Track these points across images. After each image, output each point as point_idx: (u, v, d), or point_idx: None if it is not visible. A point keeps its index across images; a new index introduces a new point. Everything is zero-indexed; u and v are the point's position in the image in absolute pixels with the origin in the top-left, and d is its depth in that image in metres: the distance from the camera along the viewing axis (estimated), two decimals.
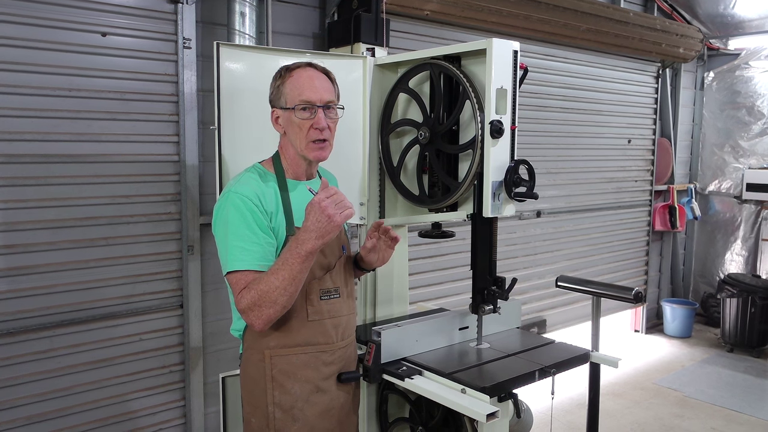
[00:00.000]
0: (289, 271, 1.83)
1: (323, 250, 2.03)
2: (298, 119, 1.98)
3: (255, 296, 1.85)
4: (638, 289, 2.66)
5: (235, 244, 1.89)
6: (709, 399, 4.91)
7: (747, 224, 6.69)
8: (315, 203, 1.82)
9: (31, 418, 2.93)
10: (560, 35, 4.92)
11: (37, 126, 2.85)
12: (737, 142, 6.69)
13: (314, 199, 1.83)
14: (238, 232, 1.89)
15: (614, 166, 6.09)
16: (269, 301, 1.84)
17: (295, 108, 1.97)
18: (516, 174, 2.30)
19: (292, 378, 2.01)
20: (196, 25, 3.23)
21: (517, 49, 2.31)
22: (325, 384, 2.07)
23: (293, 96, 1.98)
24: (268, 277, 1.85)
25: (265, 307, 1.85)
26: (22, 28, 2.77)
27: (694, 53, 6.31)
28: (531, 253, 5.36)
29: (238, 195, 1.92)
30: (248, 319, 1.89)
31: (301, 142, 2.00)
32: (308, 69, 2.03)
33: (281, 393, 2.00)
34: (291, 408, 2.01)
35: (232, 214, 1.90)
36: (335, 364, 2.10)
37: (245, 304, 1.86)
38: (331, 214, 1.80)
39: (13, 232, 2.83)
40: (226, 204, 1.93)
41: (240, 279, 1.88)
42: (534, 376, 2.27)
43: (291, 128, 2.01)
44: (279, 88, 2.01)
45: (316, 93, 1.99)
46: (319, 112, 1.99)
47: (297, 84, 1.99)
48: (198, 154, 3.29)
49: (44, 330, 2.93)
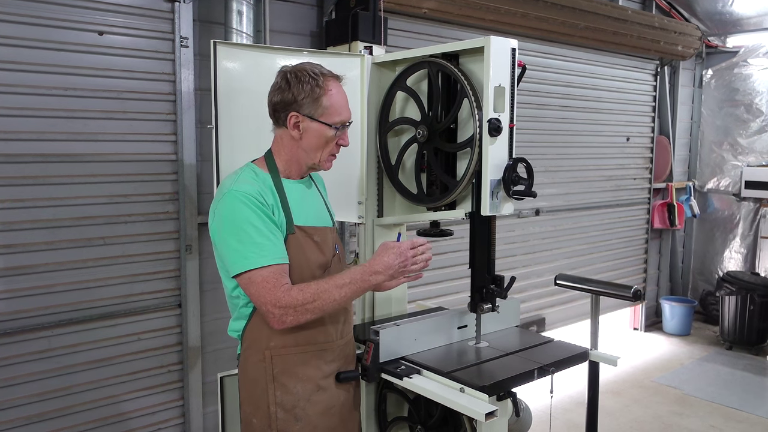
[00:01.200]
0: (353, 292, 1.93)
1: (322, 249, 2.05)
2: (330, 136, 2.00)
3: (308, 297, 1.86)
4: (637, 287, 2.66)
5: (252, 241, 1.86)
6: (708, 397, 4.91)
7: (746, 222, 6.69)
8: (404, 251, 1.97)
9: (29, 418, 2.92)
10: (558, 33, 4.92)
11: (33, 125, 2.84)
12: (736, 140, 6.69)
13: (404, 245, 1.99)
14: (251, 230, 1.87)
15: (613, 164, 6.09)
16: (317, 309, 1.88)
17: (333, 126, 1.99)
18: (514, 172, 2.30)
19: (293, 377, 2.01)
20: (193, 23, 3.22)
21: (515, 46, 2.30)
22: (326, 382, 2.07)
23: (333, 113, 1.99)
24: (328, 286, 1.89)
25: (309, 313, 1.88)
26: (18, 27, 2.76)
27: (693, 51, 6.31)
28: (530, 252, 5.35)
29: (240, 193, 1.89)
30: (281, 316, 1.86)
31: (321, 155, 2.03)
32: (338, 83, 2.03)
33: (283, 393, 1.99)
34: (293, 407, 2.00)
35: (240, 213, 1.88)
36: (335, 362, 2.10)
37: (289, 301, 1.85)
38: (409, 268, 2.00)
39: (11, 232, 2.82)
40: (231, 203, 1.89)
41: (269, 274, 1.85)
42: (533, 374, 2.27)
43: (315, 140, 2.00)
44: (316, 100, 1.97)
45: (349, 112, 2.05)
46: (346, 130, 2.05)
47: (337, 102, 2.00)
48: (195, 153, 3.28)
49: (42, 330, 2.93)
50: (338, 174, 2.74)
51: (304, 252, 1.99)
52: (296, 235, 1.98)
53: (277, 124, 2.04)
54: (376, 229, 2.86)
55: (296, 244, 1.97)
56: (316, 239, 2.03)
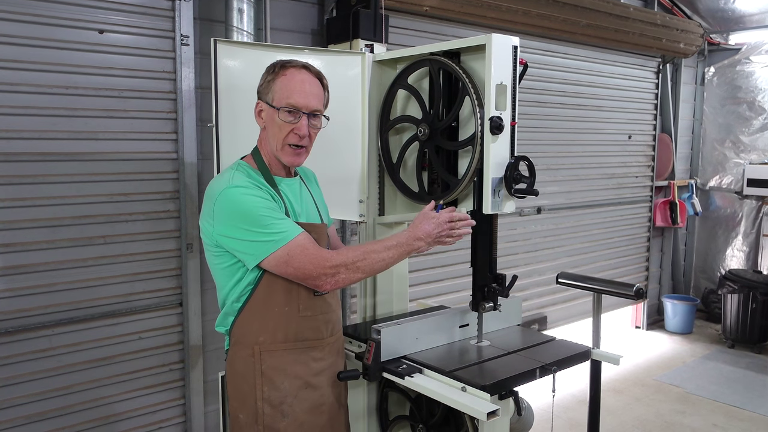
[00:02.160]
0: (399, 255, 2.00)
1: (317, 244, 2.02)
2: (280, 120, 1.95)
3: (358, 255, 1.90)
4: (639, 285, 2.65)
5: (273, 222, 1.86)
6: (711, 395, 4.91)
7: (748, 220, 6.68)
8: (442, 221, 2.06)
9: (30, 417, 2.92)
10: (560, 31, 4.91)
11: (34, 124, 2.83)
12: (738, 138, 6.68)
13: (443, 216, 2.07)
14: (267, 212, 1.86)
15: (615, 162, 6.07)
16: (367, 267, 1.92)
17: (280, 109, 1.95)
18: (516, 170, 2.29)
19: (281, 374, 2.00)
20: (193, 21, 3.21)
21: (516, 44, 2.29)
22: (316, 380, 2.06)
23: (281, 96, 1.95)
24: (376, 246, 1.95)
25: (359, 271, 1.91)
26: (19, 26, 2.75)
27: (695, 48, 6.29)
28: (531, 250, 5.34)
29: (239, 188, 1.88)
30: (334, 274, 1.88)
31: (277, 143, 1.98)
32: (303, 71, 1.99)
33: (270, 389, 1.99)
34: (280, 404, 2.00)
35: (248, 202, 1.86)
36: (325, 359, 2.10)
37: (340, 259, 1.88)
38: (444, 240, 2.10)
39: (11, 231, 2.82)
40: (233, 198, 1.87)
41: (306, 242, 1.88)
42: (535, 373, 2.26)
43: (271, 126, 1.99)
44: (270, 83, 1.97)
45: (304, 98, 1.96)
46: (303, 119, 1.97)
47: (288, 85, 1.95)
48: (196, 151, 3.27)
49: (43, 329, 2.92)
50: (339, 172, 2.75)
51: None
52: None
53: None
54: (378, 228, 2.85)
55: None
56: (313, 236, 2.00)
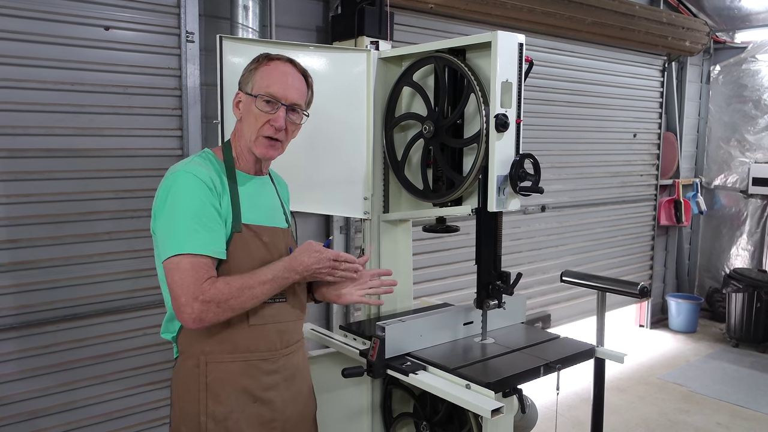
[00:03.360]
0: (273, 290, 1.83)
1: (270, 250, 1.92)
2: (257, 110, 1.86)
3: (234, 291, 1.73)
4: (643, 283, 2.64)
5: (188, 226, 1.72)
6: (715, 394, 4.90)
7: (753, 219, 6.66)
8: (324, 258, 1.90)
9: (35, 412, 2.93)
10: (565, 28, 4.90)
11: (40, 120, 2.84)
12: (743, 136, 6.65)
13: (328, 253, 1.92)
14: (192, 213, 1.73)
15: (619, 160, 6.06)
16: (239, 306, 1.76)
17: (258, 98, 1.86)
18: (521, 168, 2.28)
19: (227, 387, 1.86)
20: (199, 18, 3.21)
21: (522, 42, 2.29)
22: (266, 395, 1.91)
23: (261, 85, 1.87)
24: (252, 282, 1.77)
25: (230, 311, 1.75)
26: (25, 22, 2.76)
27: (701, 46, 6.27)
28: (536, 248, 5.34)
29: (190, 175, 1.76)
30: (201, 312, 1.70)
31: (251, 134, 1.89)
32: (287, 64, 1.92)
33: (214, 403, 1.85)
34: (225, 419, 1.85)
35: (186, 193, 1.74)
36: (279, 372, 1.94)
37: (214, 295, 1.70)
38: (330, 272, 1.94)
39: (17, 227, 2.83)
40: (177, 182, 1.76)
41: (194, 264, 1.70)
42: (539, 371, 2.26)
43: (248, 117, 1.89)
44: (251, 72, 1.89)
45: (284, 90, 1.88)
46: (280, 110, 1.88)
47: (269, 74, 1.88)
48: (201, 148, 3.26)
49: (48, 324, 2.93)
50: (344, 169, 2.75)
51: (249, 252, 1.86)
52: (243, 234, 1.84)
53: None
54: (382, 225, 2.85)
55: (242, 243, 1.84)
56: (265, 239, 1.90)
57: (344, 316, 3.96)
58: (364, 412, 2.61)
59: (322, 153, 2.69)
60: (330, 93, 2.64)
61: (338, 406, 2.58)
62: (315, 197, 2.74)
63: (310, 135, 2.61)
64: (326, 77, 2.66)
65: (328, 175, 2.73)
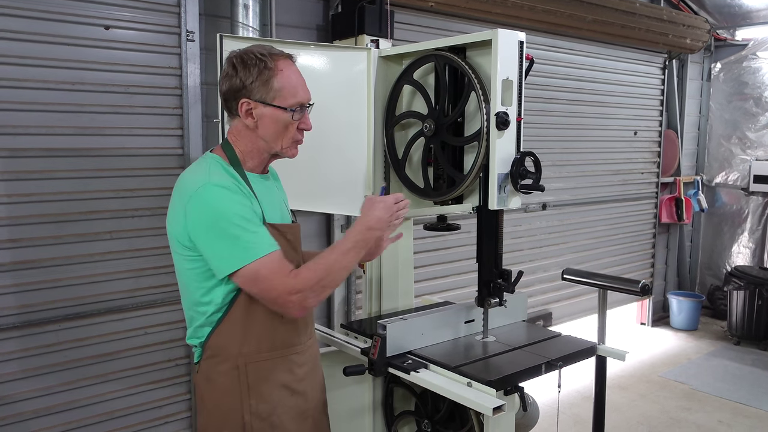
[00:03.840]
0: (357, 254, 1.87)
1: (295, 247, 1.95)
2: (287, 120, 1.86)
3: (321, 273, 1.77)
4: (645, 281, 2.64)
5: (247, 234, 1.73)
6: (716, 392, 4.89)
7: (754, 216, 6.65)
8: (390, 204, 1.96)
9: (37, 411, 2.94)
10: (566, 26, 4.89)
11: (40, 120, 2.84)
12: (744, 134, 6.64)
13: (389, 199, 1.97)
14: (242, 222, 1.74)
15: (620, 158, 6.06)
16: (333, 282, 1.81)
17: (294, 111, 1.85)
18: (522, 166, 2.28)
19: (269, 384, 1.89)
20: (199, 17, 3.22)
21: (522, 39, 2.29)
22: (301, 386, 1.97)
23: (287, 95, 1.84)
24: (335, 255, 1.83)
25: (327, 288, 1.80)
26: (25, 22, 2.76)
27: (701, 44, 6.26)
28: (537, 246, 5.34)
29: (218, 187, 1.76)
30: (301, 301, 1.75)
31: (284, 142, 1.89)
32: (290, 62, 1.89)
33: (258, 402, 1.87)
34: (269, 416, 1.89)
35: (225, 207, 1.75)
36: (306, 364, 2.00)
37: (305, 284, 1.74)
38: (394, 222, 1.98)
39: (18, 226, 2.83)
40: (210, 199, 1.76)
41: (275, 263, 1.74)
42: (540, 369, 2.26)
43: (273, 126, 1.86)
44: (267, 82, 1.82)
45: (307, 93, 1.90)
46: (306, 112, 1.91)
47: (290, 82, 1.85)
48: (202, 147, 3.28)
49: (49, 324, 2.94)
50: (345, 168, 2.75)
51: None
52: (271, 233, 1.85)
53: (230, 114, 1.89)
54: None
55: None
56: (289, 237, 1.92)
57: (345, 315, 3.96)
58: (365, 411, 2.61)
59: (322, 152, 2.69)
60: (330, 92, 2.64)
61: (340, 405, 2.58)
62: (316, 196, 2.74)
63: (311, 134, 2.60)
64: (327, 76, 2.66)
65: (329, 174, 2.73)
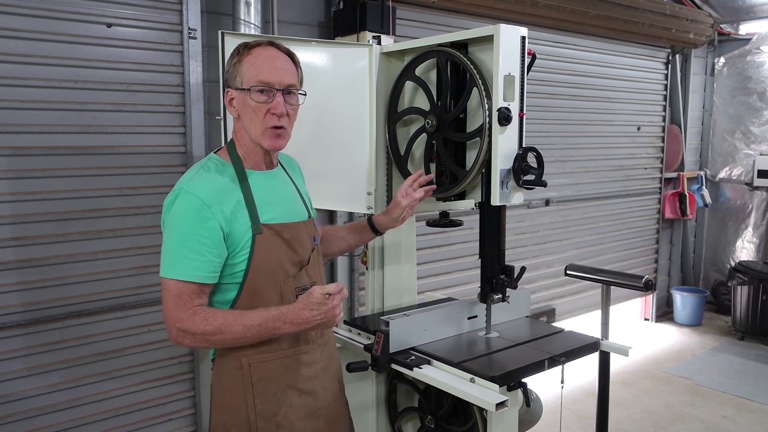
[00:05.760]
0: (259, 335, 1.77)
1: (294, 246, 1.90)
2: (254, 102, 1.80)
3: (210, 329, 1.72)
4: (648, 277, 2.64)
5: (177, 250, 1.73)
6: (720, 387, 4.89)
7: (758, 211, 6.63)
8: (329, 309, 1.74)
9: (42, 409, 2.95)
10: (568, 22, 4.88)
11: (43, 118, 2.85)
12: (748, 129, 6.62)
13: (334, 303, 1.75)
14: (182, 237, 1.73)
15: (624, 153, 6.04)
16: (218, 342, 1.76)
17: (251, 89, 1.79)
18: (524, 161, 2.28)
19: (273, 385, 1.88)
20: (201, 15, 3.22)
21: (524, 35, 2.28)
22: (310, 386, 1.95)
23: (250, 76, 1.80)
24: (236, 322, 1.74)
25: (207, 343, 1.76)
26: (27, 20, 2.77)
27: (705, 39, 6.24)
28: (540, 242, 5.33)
29: (190, 195, 1.74)
30: (178, 336, 1.74)
31: (256, 128, 1.83)
32: (269, 48, 1.85)
33: (262, 402, 1.87)
34: (274, 416, 1.88)
35: (181, 216, 1.74)
36: (317, 363, 1.98)
37: (189, 326, 1.72)
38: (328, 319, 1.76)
39: (21, 225, 2.84)
40: (176, 202, 1.76)
41: (178, 290, 1.72)
42: (543, 365, 2.26)
43: (246, 112, 1.83)
44: (235, 66, 1.82)
45: (275, 75, 1.81)
46: (277, 95, 1.82)
47: (255, 63, 1.80)
48: (204, 145, 3.28)
49: (54, 321, 2.95)
50: (347, 164, 2.74)
51: (275, 252, 1.84)
52: (264, 235, 1.82)
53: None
54: None
55: (265, 244, 1.82)
56: (286, 236, 1.88)
57: (348, 311, 3.96)
58: (369, 407, 2.61)
59: (324, 148, 2.69)
60: (332, 88, 2.64)
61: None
62: (318, 192, 2.74)
63: (313, 130, 2.62)
64: (328, 72, 2.66)
65: (331, 171, 2.73)
